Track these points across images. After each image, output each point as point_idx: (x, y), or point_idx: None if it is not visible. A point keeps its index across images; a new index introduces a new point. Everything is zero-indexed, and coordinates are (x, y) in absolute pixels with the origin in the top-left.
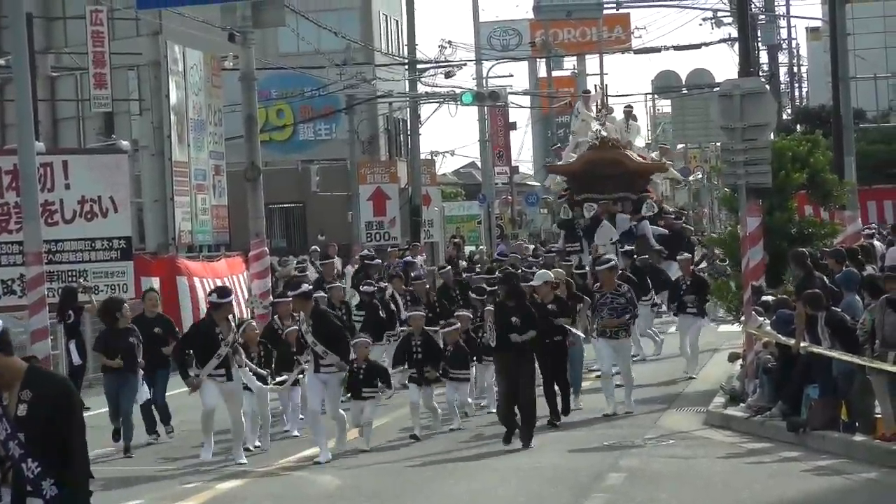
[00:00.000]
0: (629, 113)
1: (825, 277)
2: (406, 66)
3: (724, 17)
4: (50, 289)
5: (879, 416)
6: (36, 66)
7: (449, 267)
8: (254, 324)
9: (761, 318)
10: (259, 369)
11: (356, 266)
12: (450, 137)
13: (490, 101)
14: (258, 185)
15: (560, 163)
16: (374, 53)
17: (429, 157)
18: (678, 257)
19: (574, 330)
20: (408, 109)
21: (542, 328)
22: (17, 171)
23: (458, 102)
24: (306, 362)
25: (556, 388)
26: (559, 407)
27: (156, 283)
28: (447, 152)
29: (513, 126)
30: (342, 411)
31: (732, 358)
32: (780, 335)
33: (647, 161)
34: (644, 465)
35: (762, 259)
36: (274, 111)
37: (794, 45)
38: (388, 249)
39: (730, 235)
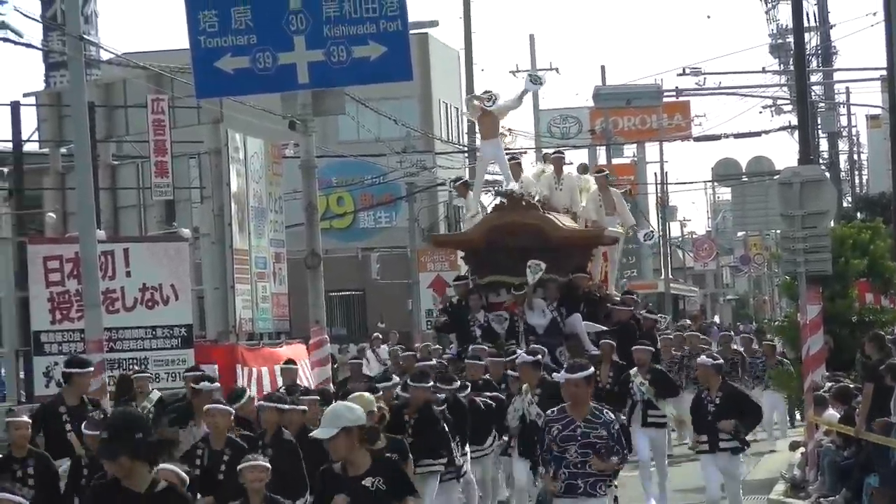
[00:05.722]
0: (558, 160)
1: None
2: (466, 154)
3: (784, 104)
4: (111, 376)
5: None
6: (97, 154)
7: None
8: None
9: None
10: None
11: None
12: None
13: None
14: (318, 273)
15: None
16: (433, 141)
17: None
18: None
19: None
20: None
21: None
22: (78, 259)
23: None
24: None
25: None
26: None
27: (215, 370)
28: None
29: None
30: None
31: (794, 446)
32: (841, 424)
33: (580, 227)
34: None
35: (824, 346)
36: (334, 199)
37: (854, 132)
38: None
39: (789, 323)
